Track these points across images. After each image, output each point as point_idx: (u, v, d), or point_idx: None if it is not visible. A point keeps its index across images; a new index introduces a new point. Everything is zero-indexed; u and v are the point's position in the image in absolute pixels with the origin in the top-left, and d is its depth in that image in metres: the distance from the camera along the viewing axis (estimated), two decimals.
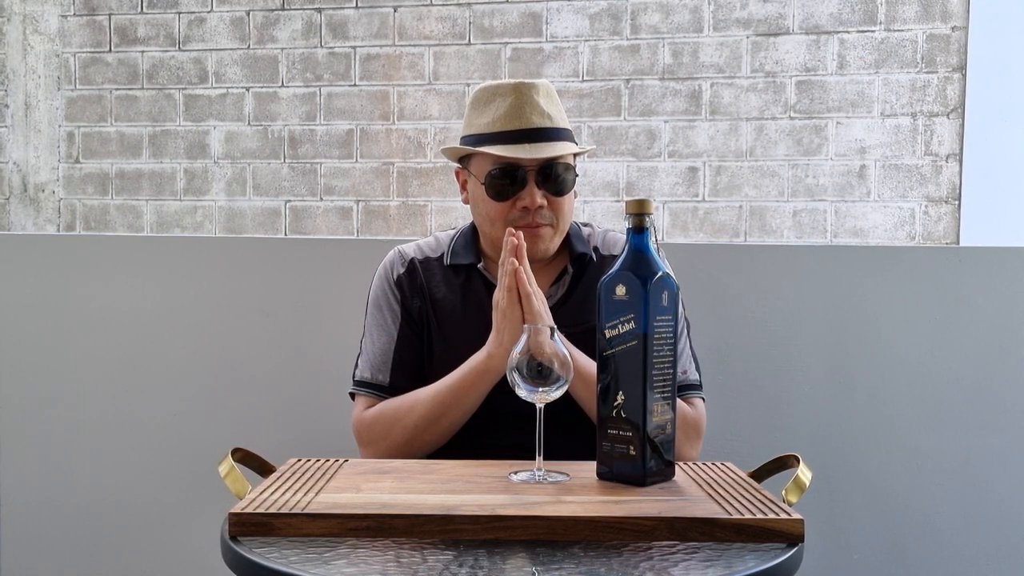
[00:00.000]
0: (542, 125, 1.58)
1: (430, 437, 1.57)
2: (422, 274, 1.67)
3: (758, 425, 2.05)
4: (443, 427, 1.56)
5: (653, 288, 1.24)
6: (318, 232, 3.97)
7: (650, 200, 1.28)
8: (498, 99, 1.60)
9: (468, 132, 1.64)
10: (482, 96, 1.63)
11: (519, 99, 1.58)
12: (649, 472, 1.25)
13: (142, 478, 2.19)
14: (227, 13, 4.00)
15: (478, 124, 1.62)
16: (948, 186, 3.62)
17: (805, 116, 3.67)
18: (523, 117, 1.58)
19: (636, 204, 1.27)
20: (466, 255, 1.67)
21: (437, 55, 3.87)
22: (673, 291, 1.27)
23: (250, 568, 1.03)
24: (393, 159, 3.92)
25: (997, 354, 2.03)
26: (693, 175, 3.74)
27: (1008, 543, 2.04)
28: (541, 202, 1.58)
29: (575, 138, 1.65)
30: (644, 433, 1.24)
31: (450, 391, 1.55)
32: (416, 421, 1.56)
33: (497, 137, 1.58)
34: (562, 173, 1.59)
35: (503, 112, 1.58)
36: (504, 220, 1.60)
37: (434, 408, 1.55)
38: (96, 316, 2.20)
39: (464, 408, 1.55)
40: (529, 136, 1.57)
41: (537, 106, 1.58)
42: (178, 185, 4.09)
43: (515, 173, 1.58)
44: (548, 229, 1.60)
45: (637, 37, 3.75)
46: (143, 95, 4.08)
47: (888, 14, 3.61)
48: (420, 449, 1.57)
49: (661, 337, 1.25)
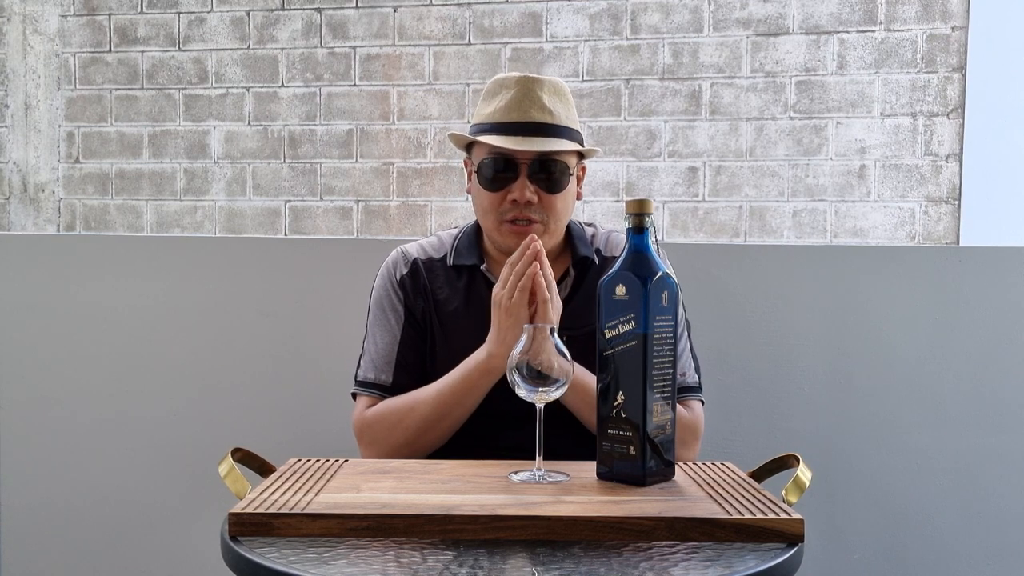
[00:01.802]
0: (542, 120, 1.58)
1: (431, 437, 1.57)
2: (425, 275, 1.66)
3: (758, 425, 2.05)
4: (444, 427, 1.56)
5: (653, 288, 1.24)
6: (318, 232, 3.97)
7: (650, 200, 1.28)
8: (504, 90, 1.60)
9: (475, 121, 1.65)
10: (492, 86, 1.64)
11: (521, 92, 1.58)
12: (649, 472, 1.25)
13: (142, 478, 2.19)
14: (227, 13, 4.00)
15: (483, 113, 1.62)
16: (948, 186, 3.62)
17: (805, 116, 3.67)
18: (522, 110, 1.57)
19: (636, 204, 1.27)
20: (469, 256, 1.67)
21: (437, 55, 3.87)
22: (673, 291, 1.27)
23: (250, 568, 1.03)
24: (393, 159, 3.92)
25: (997, 354, 2.03)
26: (693, 175, 3.74)
27: (1008, 543, 2.04)
28: (531, 197, 1.57)
29: (580, 139, 1.64)
30: (644, 433, 1.24)
31: (451, 392, 1.55)
32: (417, 422, 1.56)
33: (496, 128, 1.58)
34: (556, 170, 1.58)
35: (505, 104, 1.59)
36: (496, 212, 1.60)
37: (435, 409, 1.55)
38: (96, 316, 2.20)
39: (465, 408, 1.55)
40: (526, 129, 1.57)
41: (539, 100, 1.58)
42: (178, 185, 4.09)
43: (507, 164, 1.58)
44: (538, 227, 1.59)
45: (637, 37, 3.75)
46: (143, 95, 4.08)
47: (888, 14, 3.61)
48: (421, 449, 1.57)
49: (661, 337, 1.25)
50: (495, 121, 1.58)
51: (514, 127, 1.57)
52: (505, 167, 1.58)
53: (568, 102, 1.63)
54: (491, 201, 1.60)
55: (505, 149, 1.56)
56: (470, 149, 1.66)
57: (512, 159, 1.57)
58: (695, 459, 1.59)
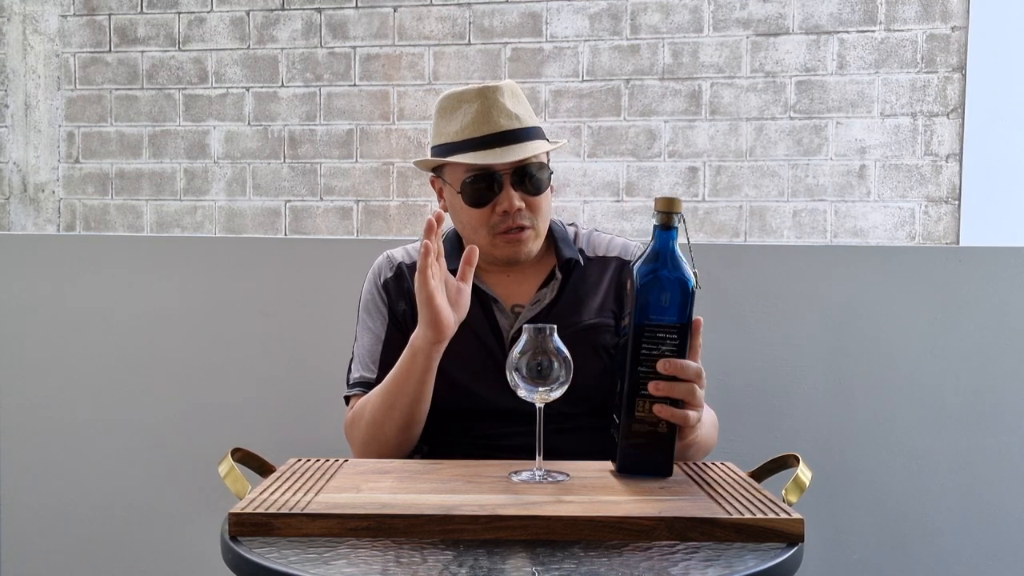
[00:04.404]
0: (511, 127, 1.57)
1: (389, 429, 1.53)
2: (409, 278, 1.67)
3: (758, 425, 2.05)
4: (396, 417, 1.52)
5: (652, 285, 1.25)
6: (318, 232, 3.97)
7: (679, 199, 1.28)
8: (464, 105, 1.59)
9: (438, 141, 1.63)
10: (448, 104, 1.62)
11: (485, 103, 1.57)
12: (624, 456, 1.29)
13: (142, 478, 2.19)
14: (227, 13, 4.00)
15: (447, 132, 1.61)
16: (948, 186, 3.62)
17: (805, 116, 3.67)
18: (491, 121, 1.57)
19: (666, 202, 1.27)
20: (452, 260, 1.65)
21: (437, 55, 3.87)
22: (676, 293, 1.28)
23: (250, 568, 1.03)
24: (393, 159, 3.92)
25: (997, 354, 2.03)
26: (693, 175, 3.74)
27: (1008, 543, 2.04)
28: (519, 204, 1.57)
29: (544, 134, 1.65)
30: (627, 424, 1.28)
31: (392, 378, 1.53)
32: (372, 413, 1.54)
33: (467, 144, 1.57)
34: (536, 172, 1.58)
35: (471, 119, 1.57)
36: (486, 226, 1.59)
37: (383, 398, 1.53)
38: (96, 316, 2.20)
39: (408, 396, 1.51)
40: (499, 140, 1.56)
41: (504, 108, 1.58)
42: (178, 185, 4.09)
43: (490, 178, 1.57)
44: (530, 232, 1.60)
45: (637, 37, 3.75)
46: (143, 95, 4.08)
47: (888, 14, 3.61)
48: (386, 445, 1.54)
49: (652, 335, 1.26)
50: (466, 138, 1.58)
51: (487, 140, 1.56)
52: (489, 181, 1.57)
53: (525, 101, 1.64)
54: (479, 218, 1.60)
55: (486, 165, 1.56)
56: (438, 169, 1.66)
57: (493, 172, 1.57)
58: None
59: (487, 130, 1.57)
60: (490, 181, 1.57)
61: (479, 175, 1.57)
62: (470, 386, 1.58)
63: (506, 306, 1.63)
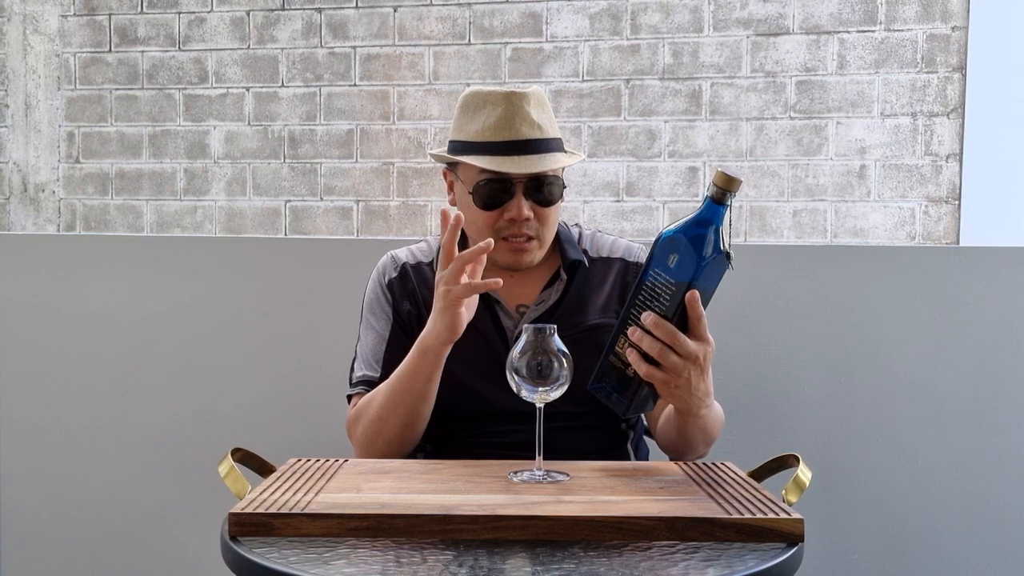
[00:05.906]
0: (532, 136, 1.57)
1: (393, 428, 1.54)
2: (413, 279, 1.67)
3: (758, 425, 2.05)
4: (401, 414, 1.53)
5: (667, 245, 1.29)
6: (318, 232, 3.97)
7: (740, 180, 1.29)
8: (488, 107, 1.58)
9: (457, 137, 1.63)
10: (472, 101, 1.62)
11: (510, 109, 1.57)
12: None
13: (142, 478, 2.19)
14: (227, 13, 4.00)
15: (468, 130, 1.61)
16: (948, 186, 3.62)
17: (805, 116, 3.67)
18: (513, 128, 1.56)
19: (726, 179, 1.28)
20: None
21: (437, 55, 3.87)
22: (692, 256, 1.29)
23: (250, 568, 1.04)
24: (393, 159, 3.92)
25: (997, 354, 2.03)
26: (693, 175, 3.74)
27: (1007, 543, 2.04)
28: (528, 214, 1.57)
29: (564, 146, 1.64)
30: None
31: (398, 376, 1.53)
32: (377, 411, 1.54)
33: (486, 147, 1.57)
34: (549, 184, 1.58)
35: (493, 122, 1.57)
36: (491, 229, 1.59)
37: (389, 395, 1.53)
38: (96, 316, 2.20)
39: (414, 393, 1.51)
40: (519, 148, 1.56)
41: (527, 117, 1.57)
42: (178, 185, 4.09)
43: (503, 184, 1.57)
44: (534, 243, 1.60)
45: (637, 37, 3.75)
46: (143, 95, 4.08)
47: (888, 14, 3.61)
48: (389, 442, 1.55)
49: (651, 290, 1.30)
50: (485, 140, 1.57)
51: (506, 146, 1.56)
52: (502, 187, 1.57)
53: (550, 111, 1.64)
54: (486, 220, 1.60)
55: (502, 172, 1.56)
56: (454, 164, 1.66)
57: (508, 179, 1.57)
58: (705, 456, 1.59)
59: (508, 136, 1.56)
60: (503, 186, 1.57)
61: (493, 179, 1.57)
62: (474, 386, 1.58)
63: (510, 307, 1.63)
